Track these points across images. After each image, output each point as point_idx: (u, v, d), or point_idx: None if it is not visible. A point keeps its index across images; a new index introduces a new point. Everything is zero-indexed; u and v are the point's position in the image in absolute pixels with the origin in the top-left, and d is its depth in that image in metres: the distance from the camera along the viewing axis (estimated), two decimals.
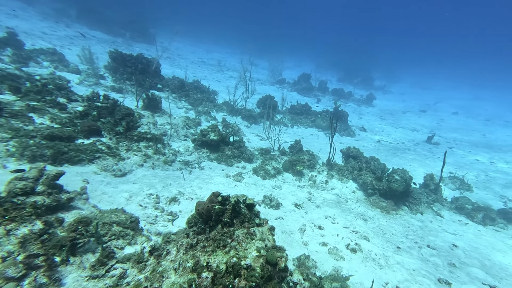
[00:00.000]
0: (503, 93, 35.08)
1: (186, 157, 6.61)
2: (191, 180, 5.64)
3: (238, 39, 41.91)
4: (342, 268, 4.24)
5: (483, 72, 49.06)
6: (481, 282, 4.36)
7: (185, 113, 9.55)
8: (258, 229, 3.17)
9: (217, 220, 2.85)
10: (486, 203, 7.50)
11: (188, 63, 22.10)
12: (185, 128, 7.80)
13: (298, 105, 13.35)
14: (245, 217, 3.10)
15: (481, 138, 15.07)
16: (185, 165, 6.18)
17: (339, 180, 7.18)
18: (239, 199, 3.19)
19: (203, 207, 2.85)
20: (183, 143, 7.18)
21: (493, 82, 42.05)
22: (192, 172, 6.06)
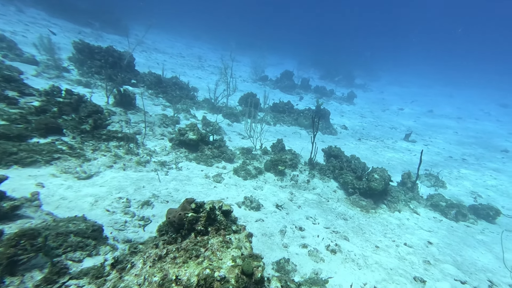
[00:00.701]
0: (473, 92, 36.92)
1: (163, 157, 6.34)
2: (167, 182, 5.41)
3: (220, 35, 41.12)
4: (322, 271, 4.23)
5: (454, 71, 51.39)
6: (453, 278, 4.50)
7: (162, 111, 9.21)
8: (234, 237, 3.05)
9: (190, 229, 2.70)
10: (459, 199, 7.81)
11: (166, 58, 21.32)
12: (162, 127, 7.50)
13: (280, 103, 13.30)
14: (221, 224, 2.97)
15: (454, 135, 15.74)
16: (161, 166, 5.92)
17: (320, 180, 7.20)
18: (215, 205, 3.05)
19: (174, 215, 2.69)
20: (160, 143, 6.88)
21: (463, 81, 44.18)
22: (168, 173, 5.81)
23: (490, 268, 4.97)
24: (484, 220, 6.67)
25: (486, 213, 6.60)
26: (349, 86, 27.71)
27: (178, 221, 2.64)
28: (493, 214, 6.58)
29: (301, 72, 25.93)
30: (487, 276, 4.72)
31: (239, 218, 5.09)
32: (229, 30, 48.39)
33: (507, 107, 28.04)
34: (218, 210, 3.07)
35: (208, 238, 2.76)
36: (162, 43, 27.46)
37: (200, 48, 31.77)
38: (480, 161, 11.71)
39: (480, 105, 27.64)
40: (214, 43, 36.71)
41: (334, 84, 26.42)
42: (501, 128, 19.09)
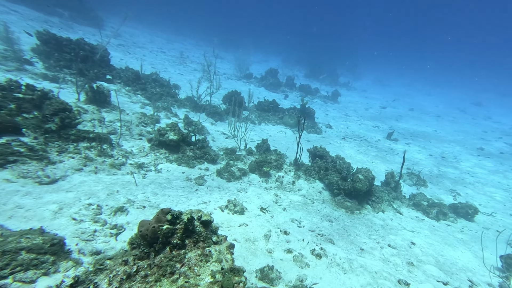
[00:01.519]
0: (449, 91, 38.38)
1: (140, 159, 5.99)
2: (144, 186, 5.10)
3: (203, 30, 40.24)
4: (307, 277, 4.12)
5: (432, 71, 53.28)
6: (436, 279, 4.53)
7: (141, 109, 8.77)
8: (215, 248, 2.85)
9: (164, 243, 2.48)
10: (439, 198, 7.99)
11: (146, 52, 20.46)
12: (140, 126, 7.11)
13: (265, 102, 13.14)
14: (199, 236, 2.77)
15: (434, 134, 16.22)
16: (138, 168, 5.58)
17: (306, 181, 7.11)
18: (193, 215, 2.83)
19: (147, 228, 2.45)
20: (137, 143, 6.51)
21: (441, 81, 45.89)
22: (146, 176, 5.49)
23: (470, 267, 5.05)
24: (463, 218, 6.83)
25: (465, 211, 6.76)
26: (334, 84, 27.98)
27: (151, 235, 2.40)
28: (472, 213, 6.75)
29: (286, 70, 25.86)
30: (467, 275, 4.79)
31: (222, 223, 4.91)
32: (212, 25, 47.60)
33: (481, 105, 29.34)
34: (197, 220, 2.86)
35: (185, 252, 2.54)
36: (141, 37, 26.39)
37: (182, 44, 30.92)
38: (458, 159, 12.09)
39: (456, 104, 28.73)
40: (196, 39, 35.90)
41: (319, 83, 26.59)
42: (476, 126, 19.91)
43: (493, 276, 4.89)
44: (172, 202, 4.81)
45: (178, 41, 31.94)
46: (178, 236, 2.48)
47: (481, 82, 48.27)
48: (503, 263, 5.02)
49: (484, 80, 50.43)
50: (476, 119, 22.53)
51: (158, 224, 2.43)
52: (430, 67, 54.75)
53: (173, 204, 4.74)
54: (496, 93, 40.41)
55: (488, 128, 19.93)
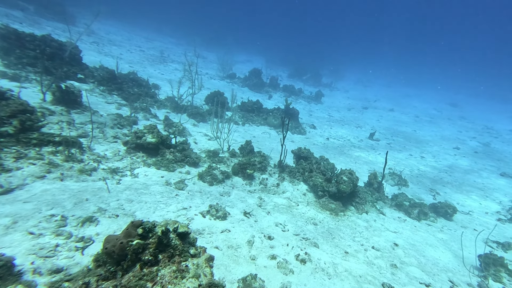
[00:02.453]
0: (427, 92, 39.87)
1: (115, 163, 5.62)
2: (118, 192, 4.77)
3: (184, 29, 39.27)
4: (291, 284, 3.99)
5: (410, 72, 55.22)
6: (418, 281, 4.54)
7: (117, 110, 8.34)
8: (192, 262, 2.65)
9: (134, 260, 2.25)
10: (420, 197, 8.15)
11: (123, 51, 19.62)
12: (115, 128, 6.72)
13: (249, 102, 12.97)
14: (175, 250, 2.55)
15: (413, 134, 16.70)
16: (112, 174, 5.22)
17: (290, 183, 7.02)
18: (169, 227, 2.62)
19: (114, 244, 2.21)
20: (112, 146, 6.12)
21: (418, 82, 47.67)
22: (121, 181, 5.15)
23: (450, 267, 5.13)
24: (443, 217, 6.98)
25: (445, 211, 6.91)
26: (317, 85, 28.26)
27: (118, 252, 2.17)
28: (451, 212, 6.91)
29: (269, 70, 25.84)
30: (448, 276, 4.85)
31: (203, 230, 4.69)
32: (194, 24, 46.69)
33: (456, 106, 30.64)
34: (172, 233, 2.64)
35: (158, 269, 2.33)
36: (118, 35, 25.31)
37: (162, 43, 30.05)
38: (436, 159, 12.47)
39: (433, 105, 29.85)
40: (177, 37, 35.04)
41: (303, 83, 26.76)
42: (452, 126, 20.73)
43: (472, 276, 4.99)
44: (149, 209, 4.53)
45: (158, 39, 31.00)
46: (150, 251, 2.26)
47: (456, 83, 50.53)
48: (481, 263, 5.13)
49: (458, 82, 52.85)
50: (452, 119, 23.47)
51: (127, 240, 2.20)
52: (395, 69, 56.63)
53: (150, 212, 4.47)
54: (469, 95, 42.44)
55: (463, 128, 20.81)
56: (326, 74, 34.39)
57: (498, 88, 50.42)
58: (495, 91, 46.93)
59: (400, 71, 54.30)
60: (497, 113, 30.43)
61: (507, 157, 14.64)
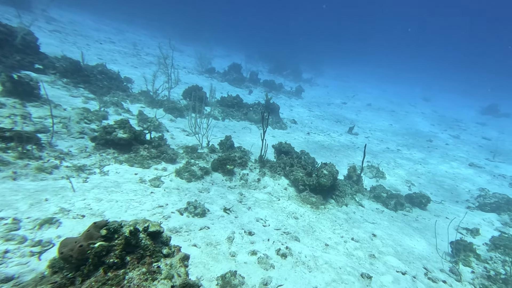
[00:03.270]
0: (401, 87, 41.42)
1: (81, 160, 5.25)
2: (85, 191, 4.46)
3: (158, 21, 37.61)
4: (272, 279, 3.93)
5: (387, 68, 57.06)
6: (395, 270, 4.65)
7: (84, 104, 7.84)
8: (165, 263, 2.48)
9: (97, 264, 2.05)
10: (396, 188, 8.40)
11: (90, 42, 18.33)
12: (82, 123, 6.28)
13: (229, 97, 12.76)
14: (145, 251, 2.38)
15: (389, 127, 17.25)
16: (78, 171, 4.86)
17: (271, 178, 6.96)
18: (138, 227, 2.43)
19: (72, 248, 2.00)
20: (78, 142, 5.71)
21: (394, 77, 49.42)
22: (88, 179, 4.82)
23: (424, 255, 5.30)
24: (417, 207, 7.23)
25: (419, 201, 7.16)
26: (297, 80, 28.43)
27: (78, 256, 1.96)
28: (425, 202, 7.17)
29: (249, 65, 25.59)
30: (422, 263, 5.01)
31: (180, 228, 4.50)
32: (169, 16, 45.00)
33: (428, 100, 32.06)
34: (142, 232, 2.46)
35: (125, 271, 2.15)
36: (84, 24, 23.65)
37: (135, 34, 28.70)
38: (411, 151, 12.95)
39: (408, 99, 31.03)
40: (151, 29, 33.60)
41: (283, 78, 26.79)
42: (425, 120, 21.65)
43: (445, 262, 5.19)
44: (120, 208, 4.27)
45: (130, 31, 29.53)
46: (116, 253, 2.08)
47: (428, 79, 52.85)
48: (452, 249, 5.35)
49: (430, 77, 55.33)
50: (425, 114, 24.51)
51: (88, 243, 2.00)
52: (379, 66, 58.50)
53: (121, 211, 4.21)
54: (440, 90, 44.55)
55: (435, 121, 21.79)
56: (306, 69, 34.70)
57: (467, 83, 53.44)
58: (464, 87, 49.67)
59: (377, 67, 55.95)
60: (465, 106, 32.22)
61: (475, 148, 15.51)
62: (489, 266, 5.10)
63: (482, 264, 5.18)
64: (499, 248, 5.54)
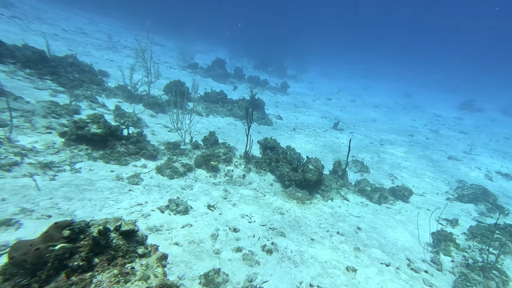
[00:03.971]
0: (384, 83, 42.37)
1: (48, 156, 4.89)
2: (53, 189, 4.16)
3: (137, 14, 36.12)
4: (257, 275, 3.83)
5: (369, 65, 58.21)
6: (380, 262, 4.67)
7: (51, 97, 7.38)
8: (140, 263, 2.31)
9: (58, 268, 1.85)
10: (380, 182, 8.50)
11: (58, 31, 17.13)
12: (49, 117, 5.87)
13: (213, 93, 12.50)
14: (117, 251, 2.19)
15: (373, 123, 17.55)
16: (44, 169, 4.53)
17: (257, 174, 6.84)
18: (109, 226, 2.24)
19: (26, 252, 1.78)
20: (44, 138, 5.34)
21: (377, 74, 50.50)
22: (56, 177, 4.49)
23: (407, 246, 5.37)
24: (400, 200, 7.34)
25: (402, 193, 7.27)
26: (282, 76, 28.41)
27: (33, 260, 1.75)
28: (407, 194, 7.29)
29: (234, 61, 25.28)
30: (405, 254, 5.07)
31: (161, 226, 4.30)
32: (149, 8, 43.34)
33: (409, 97, 33.00)
34: (114, 232, 2.27)
35: (92, 274, 1.96)
36: (51, 13, 22.09)
37: (111, 26, 27.44)
38: (394, 145, 13.21)
39: (390, 95, 31.78)
40: (128, 22, 32.22)
41: (268, 74, 26.70)
42: (407, 115, 22.23)
43: (426, 252, 5.27)
44: (94, 207, 4.02)
45: (104, 23, 28.13)
46: (81, 256, 1.88)
47: (409, 76, 54.40)
48: (433, 239, 5.45)
49: (411, 74, 56.96)
50: (407, 109, 25.19)
51: (47, 245, 1.79)
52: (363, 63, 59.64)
53: (95, 210, 3.96)
54: (420, 86, 45.95)
55: (416, 116, 22.42)
56: (291, 66, 34.75)
57: (446, 79, 55.45)
58: (443, 82, 51.50)
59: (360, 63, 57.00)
60: (444, 102, 33.39)
61: (453, 142, 16.06)
62: (467, 255, 5.24)
63: (461, 253, 5.31)
64: (477, 237, 5.70)
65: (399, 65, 66.42)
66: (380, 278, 4.18)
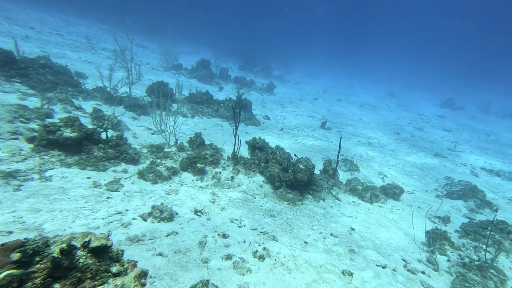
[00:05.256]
0: (368, 83, 43.16)
1: (13, 165, 4.47)
2: (16, 201, 3.75)
3: (117, 16, 34.96)
4: (249, 284, 3.57)
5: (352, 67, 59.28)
6: (375, 264, 4.50)
7: (20, 100, 6.90)
8: (114, 284, 1.99)
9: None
10: (370, 180, 8.43)
11: (31, 33, 16.46)
12: (16, 122, 5.40)
13: (198, 93, 12.13)
14: (85, 273, 1.87)
15: (359, 122, 17.67)
16: (7, 178, 4.12)
17: (245, 175, 6.57)
18: (74, 243, 1.91)
19: None
20: (8, 145, 4.92)
21: (361, 75, 51.47)
22: (22, 187, 4.09)
23: (402, 246, 5.24)
24: (391, 198, 7.26)
25: (393, 191, 7.20)
26: (268, 77, 28.29)
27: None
28: (398, 192, 7.22)
29: (219, 62, 24.92)
30: (400, 255, 4.93)
31: (143, 236, 3.95)
32: (130, 9, 42.28)
33: (393, 96, 33.70)
34: (82, 249, 1.94)
35: None
36: (23, 14, 21.16)
37: (89, 28, 26.50)
38: (381, 143, 13.29)
39: (374, 94, 32.33)
40: (109, 24, 31.17)
41: (254, 75, 26.52)
42: (392, 114, 22.60)
43: (422, 252, 5.16)
44: (66, 218, 3.62)
45: (83, 24, 27.10)
46: (37, 283, 1.55)
47: (391, 76, 55.75)
48: (428, 238, 5.35)
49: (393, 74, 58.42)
50: (391, 108, 25.64)
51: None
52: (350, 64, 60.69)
53: (67, 221, 3.57)
54: (402, 85, 47.14)
55: (400, 115, 22.83)
56: (277, 66, 34.71)
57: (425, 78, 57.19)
58: (422, 81, 53.06)
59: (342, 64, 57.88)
60: (425, 100, 34.31)
61: (437, 139, 16.39)
62: (463, 253, 5.16)
63: (457, 252, 5.23)
64: (470, 234, 5.66)
65: (382, 66, 67.99)
66: (377, 282, 4.00)
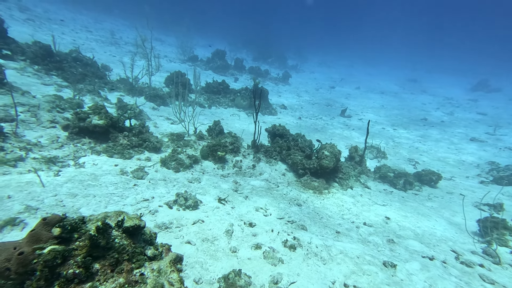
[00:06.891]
0: (386, 69, 41.42)
1: (52, 151, 4.54)
2: (57, 186, 3.78)
3: (138, 12, 35.85)
4: (282, 275, 3.32)
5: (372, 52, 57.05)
6: (420, 255, 4.13)
7: (56, 92, 7.01)
8: (151, 267, 1.79)
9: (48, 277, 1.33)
10: (401, 168, 7.93)
11: (66, 30, 17.38)
12: (54, 111, 5.46)
13: (214, 83, 11.91)
14: (121, 254, 1.66)
15: (382, 109, 16.91)
16: (48, 164, 4.17)
17: (267, 163, 6.31)
18: (109, 222, 1.71)
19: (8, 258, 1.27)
20: (49, 132, 4.97)
21: (378, 61, 49.39)
22: (61, 173, 4.13)
23: (448, 236, 4.81)
24: (427, 185, 6.78)
25: (429, 178, 6.71)
26: (282, 67, 27.69)
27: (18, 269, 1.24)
28: (435, 179, 6.72)
29: (233, 54, 24.62)
30: (449, 245, 4.51)
31: (170, 223, 3.79)
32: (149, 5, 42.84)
33: (416, 81, 32.10)
34: (116, 229, 1.74)
35: (93, 285, 1.44)
36: (59, 14, 22.32)
37: (114, 24, 27.27)
38: (408, 130, 12.60)
39: (394, 81, 30.94)
40: (130, 19, 31.88)
41: (268, 65, 26.01)
42: (416, 100, 21.48)
43: (476, 242, 4.68)
44: (99, 204, 3.57)
45: (108, 21, 28.06)
46: (77, 261, 1.36)
47: (412, 61, 53.18)
48: (480, 228, 4.84)
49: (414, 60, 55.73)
50: (415, 94, 24.38)
51: (33, 248, 1.28)
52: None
53: (100, 207, 3.50)
54: (424, 71, 44.87)
55: (426, 100, 21.64)
56: (291, 56, 33.94)
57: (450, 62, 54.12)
58: (447, 66, 50.23)
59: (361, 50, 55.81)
60: (452, 86, 32.44)
61: (472, 123, 15.31)
62: None
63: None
64: None
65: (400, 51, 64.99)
66: (426, 275, 3.63)
